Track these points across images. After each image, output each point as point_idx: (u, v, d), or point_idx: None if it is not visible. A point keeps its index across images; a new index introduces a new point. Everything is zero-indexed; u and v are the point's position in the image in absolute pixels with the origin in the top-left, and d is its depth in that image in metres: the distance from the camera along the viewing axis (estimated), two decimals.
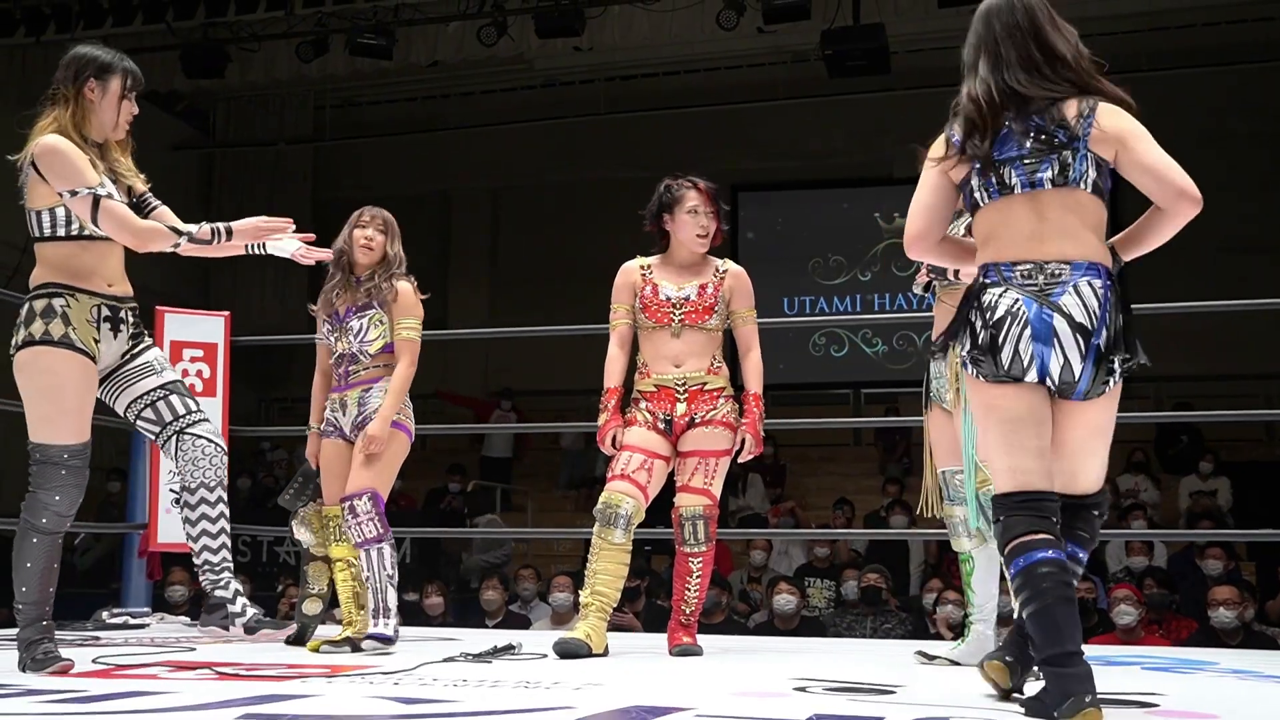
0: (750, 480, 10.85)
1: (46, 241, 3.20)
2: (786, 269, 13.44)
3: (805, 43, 11.18)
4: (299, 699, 2.66)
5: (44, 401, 3.14)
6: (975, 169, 2.60)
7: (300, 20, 10.97)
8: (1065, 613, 2.41)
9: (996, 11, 2.65)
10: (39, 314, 3.14)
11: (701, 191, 3.96)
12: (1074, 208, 2.53)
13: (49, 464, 3.14)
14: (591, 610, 3.80)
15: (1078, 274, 2.50)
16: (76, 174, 3.08)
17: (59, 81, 3.21)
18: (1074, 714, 2.33)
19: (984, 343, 2.51)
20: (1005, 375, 2.50)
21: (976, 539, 3.58)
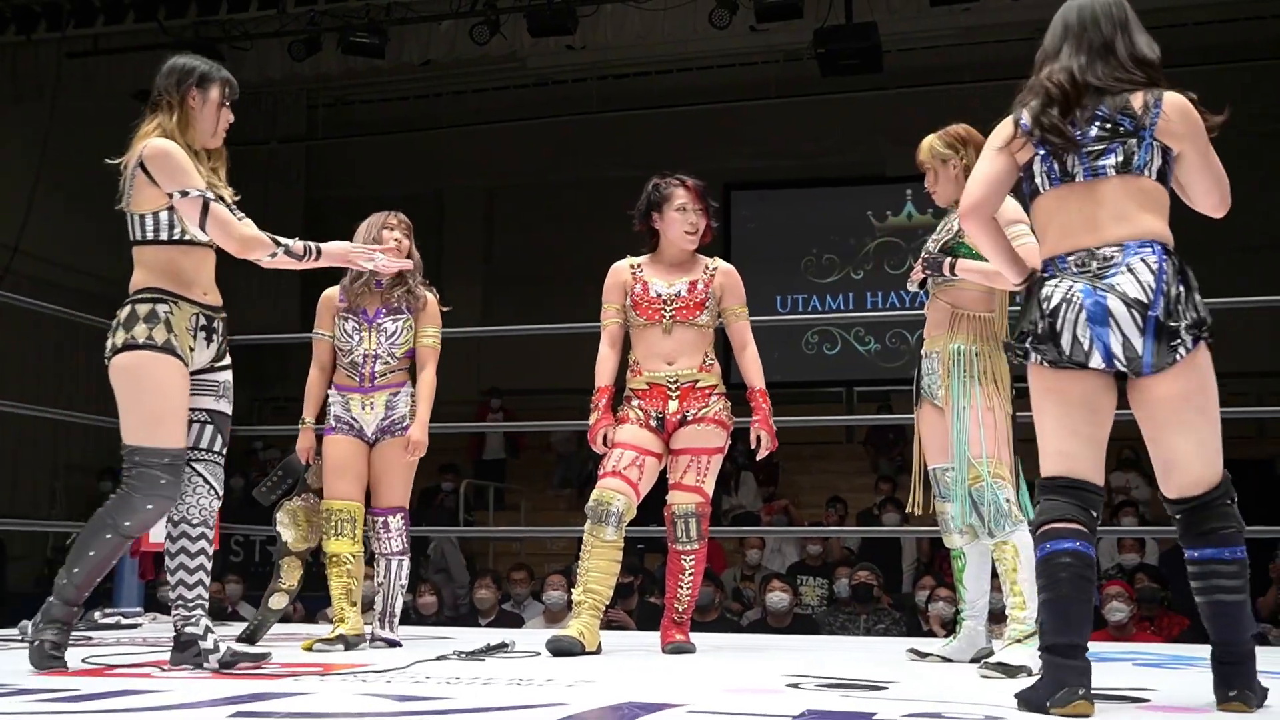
0: (743, 479, 10.86)
1: (148, 245, 3.24)
2: (779, 267, 13.43)
3: (797, 41, 11.17)
4: (292, 697, 2.66)
5: (146, 405, 3.16)
6: (1039, 154, 2.64)
7: (292, 19, 10.94)
8: (1077, 606, 2.45)
9: (1083, 5, 2.71)
10: (142, 318, 3.18)
11: (689, 189, 3.97)
12: (1134, 194, 2.57)
13: (149, 468, 3.15)
14: (584, 608, 3.81)
15: (1129, 253, 2.53)
16: (187, 176, 3.15)
17: (161, 90, 3.28)
18: (1065, 705, 2.37)
19: (1043, 331, 2.56)
20: (1068, 360, 2.54)
21: (967, 535, 3.57)
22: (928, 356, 3.60)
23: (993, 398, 3.42)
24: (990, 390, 3.43)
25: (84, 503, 11.44)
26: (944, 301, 3.54)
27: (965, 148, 3.56)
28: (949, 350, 3.49)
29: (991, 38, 12.34)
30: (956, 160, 3.57)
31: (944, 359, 3.50)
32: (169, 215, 3.21)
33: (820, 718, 2.41)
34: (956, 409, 3.43)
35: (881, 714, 2.45)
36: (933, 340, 3.58)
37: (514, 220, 14.70)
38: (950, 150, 3.59)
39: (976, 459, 3.38)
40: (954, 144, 3.59)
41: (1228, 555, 2.55)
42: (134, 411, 3.17)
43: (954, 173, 3.57)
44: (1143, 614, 6.37)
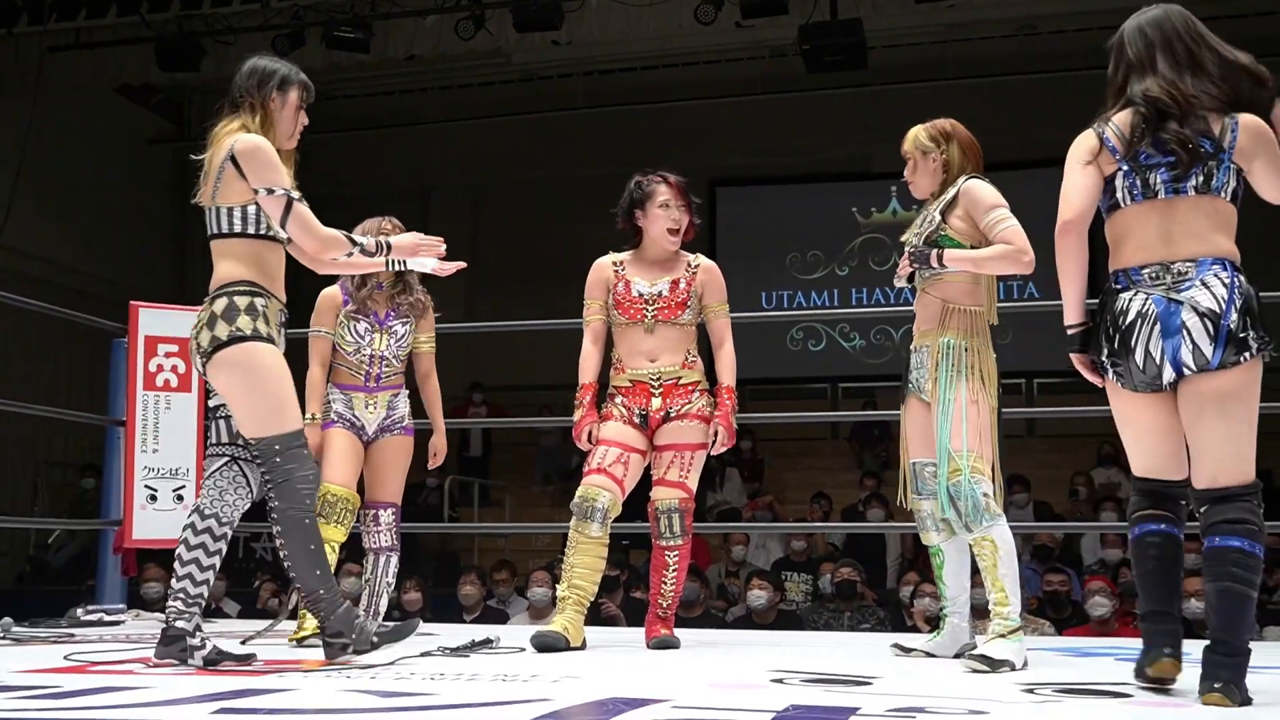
0: (728, 475, 10.88)
1: (235, 238, 3.24)
2: (764, 263, 13.44)
3: (783, 38, 11.19)
4: (275, 693, 2.66)
5: (272, 394, 3.18)
6: (1122, 170, 2.75)
7: (276, 13, 10.90)
8: (1163, 578, 2.72)
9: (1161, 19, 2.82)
10: (243, 310, 3.18)
11: (672, 186, 3.98)
12: (1210, 213, 2.70)
13: (292, 449, 3.19)
14: (569, 603, 3.81)
15: (1203, 269, 2.66)
16: (275, 173, 3.20)
17: (244, 90, 3.32)
18: (1152, 664, 2.67)
19: (1118, 346, 2.71)
20: (1145, 383, 2.70)
21: (944, 532, 3.56)
22: (917, 351, 3.59)
23: (978, 393, 3.42)
24: (976, 385, 3.43)
25: (66, 500, 11.39)
26: (934, 296, 3.54)
27: (948, 142, 3.58)
28: (939, 344, 3.48)
29: (976, 34, 12.37)
30: (937, 154, 3.59)
31: (934, 353, 3.49)
32: (256, 210, 3.24)
33: (804, 712, 2.41)
34: (941, 402, 3.43)
35: (865, 708, 2.45)
36: (923, 335, 3.57)
37: (499, 216, 14.67)
38: (933, 143, 3.60)
39: (957, 453, 3.37)
40: (937, 137, 3.60)
41: (1246, 547, 2.60)
42: (260, 402, 3.18)
43: (933, 166, 3.59)
44: (1126, 609, 6.40)
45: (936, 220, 3.51)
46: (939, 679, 3.08)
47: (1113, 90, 2.86)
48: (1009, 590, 3.31)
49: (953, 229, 3.49)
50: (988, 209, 3.45)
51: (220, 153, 3.24)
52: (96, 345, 8.75)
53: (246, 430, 3.22)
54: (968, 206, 3.49)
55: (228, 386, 3.20)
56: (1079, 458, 10.53)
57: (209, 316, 3.20)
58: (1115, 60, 2.87)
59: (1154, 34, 2.80)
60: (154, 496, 5.17)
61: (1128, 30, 2.86)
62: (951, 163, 3.57)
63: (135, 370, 5.20)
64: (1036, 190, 15.69)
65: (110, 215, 12.84)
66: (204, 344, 3.19)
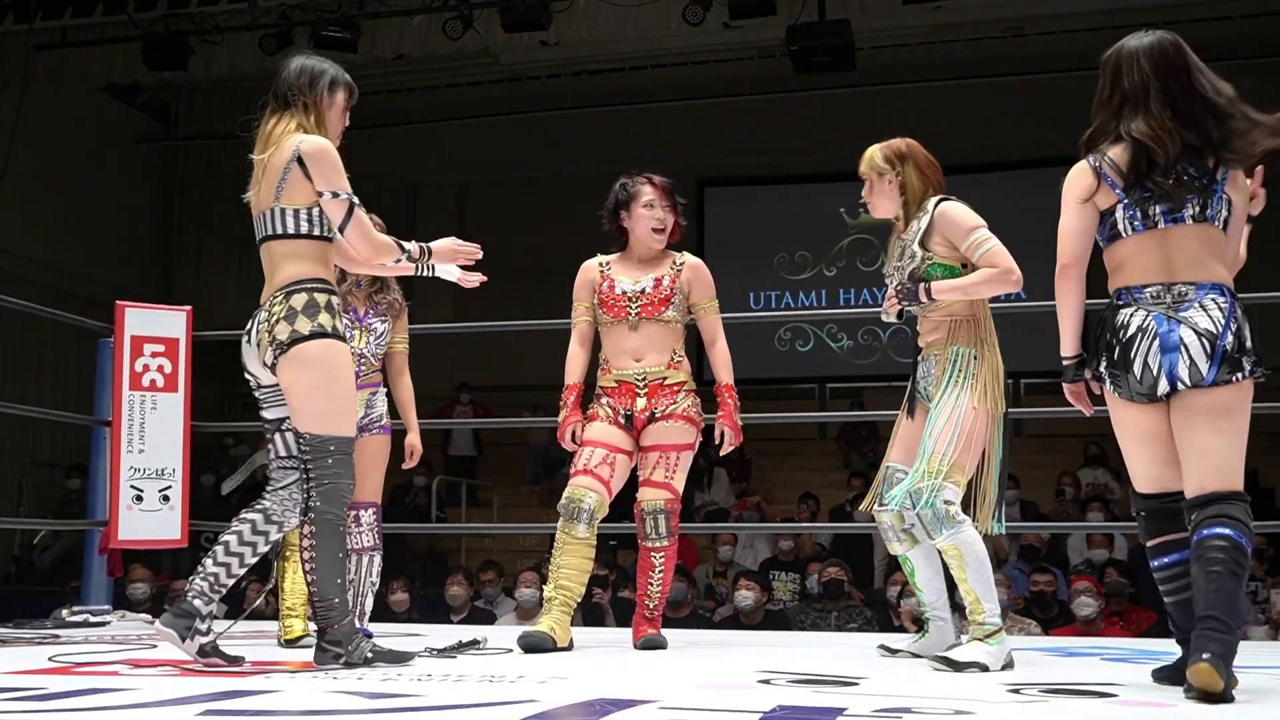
0: (715, 475, 10.88)
1: (302, 239, 3.21)
2: (752, 264, 13.45)
3: (771, 38, 11.19)
4: (261, 694, 2.65)
5: (340, 395, 3.19)
6: (1123, 202, 2.82)
7: (264, 12, 10.87)
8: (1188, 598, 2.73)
9: (1154, 48, 2.87)
10: (323, 307, 3.17)
11: (656, 186, 3.99)
12: (1206, 241, 2.80)
13: (345, 454, 3.20)
14: (555, 604, 3.81)
15: (1203, 293, 2.77)
16: (340, 177, 3.20)
17: (295, 89, 3.30)
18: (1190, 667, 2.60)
19: (1117, 358, 2.79)
20: (1141, 393, 2.78)
21: (907, 541, 3.53)
22: (925, 360, 3.56)
23: (980, 401, 3.40)
24: (980, 394, 3.40)
25: (53, 499, 11.34)
26: (936, 315, 3.52)
27: (904, 164, 3.57)
28: (948, 353, 3.46)
29: (964, 35, 12.39)
30: (893, 175, 3.57)
31: (942, 361, 3.47)
32: (320, 212, 3.23)
33: (791, 713, 2.42)
34: (935, 406, 3.42)
35: (852, 709, 2.46)
36: (930, 345, 3.54)
37: (487, 216, 14.64)
38: (888, 165, 3.59)
39: (928, 455, 3.35)
40: (893, 159, 3.59)
41: (1234, 536, 2.66)
42: (329, 401, 3.17)
43: (889, 187, 3.58)
44: (1111, 609, 6.43)
45: (919, 254, 3.48)
46: (925, 680, 3.09)
47: (1105, 110, 2.91)
48: (981, 596, 3.29)
49: (937, 256, 3.46)
50: (967, 232, 3.44)
51: (284, 154, 3.21)
52: (83, 345, 8.71)
53: (305, 425, 3.17)
54: (945, 231, 3.46)
55: (298, 380, 3.15)
56: (1066, 458, 10.57)
57: (287, 310, 3.15)
58: (1111, 82, 2.91)
59: (1149, 65, 2.85)
60: (140, 497, 5.15)
61: (1125, 54, 2.90)
62: (908, 185, 3.55)
63: (121, 370, 5.18)
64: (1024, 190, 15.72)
65: (97, 214, 12.79)
66: (282, 337, 3.14)
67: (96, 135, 12.92)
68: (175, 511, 5.22)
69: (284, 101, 3.30)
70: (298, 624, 4.02)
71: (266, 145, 3.27)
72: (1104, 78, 2.93)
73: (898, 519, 3.51)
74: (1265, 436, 11.48)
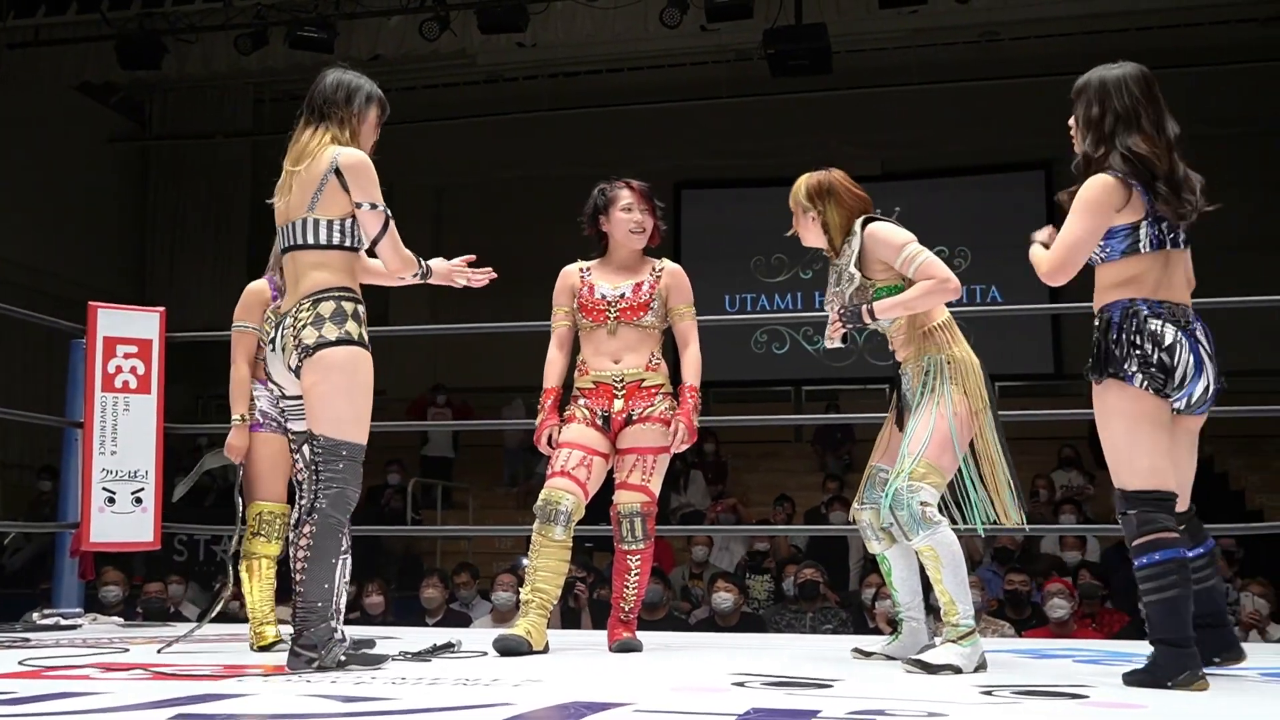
0: (692, 477, 10.89)
1: (329, 249, 3.24)
2: (729, 266, 13.48)
3: (748, 41, 11.23)
4: (234, 698, 2.64)
5: (360, 402, 3.21)
6: (1148, 219, 2.96)
7: (239, 12, 10.83)
8: (1184, 604, 2.86)
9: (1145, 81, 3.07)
10: (350, 316, 3.21)
11: (634, 190, 4.02)
12: (1187, 267, 3.05)
13: (356, 461, 3.22)
14: (532, 607, 3.80)
15: (1195, 319, 3.01)
16: (376, 190, 3.26)
17: (331, 103, 3.34)
18: (1188, 685, 2.80)
19: (1157, 362, 2.93)
20: (1175, 391, 2.94)
21: (885, 540, 3.61)
22: (904, 373, 3.60)
23: (959, 405, 3.42)
24: (958, 398, 3.43)
25: (23, 502, 11.25)
26: (901, 330, 3.56)
27: (825, 201, 3.63)
28: (921, 363, 3.49)
29: (940, 40, 12.47)
30: (815, 213, 3.65)
31: (918, 373, 3.50)
32: (352, 223, 3.27)
33: (765, 716, 2.42)
34: (915, 414, 3.44)
35: (825, 712, 2.46)
36: (905, 360, 3.59)
37: (463, 217, 14.64)
38: (810, 203, 3.65)
39: (909, 456, 3.38)
40: (814, 196, 3.65)
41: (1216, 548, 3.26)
42: (348, 407, 3.19)
43: (812, 223, 3.66)
44: (1084, 610, 6.46)
45: (856, 277, 3.53)
46: (899, 682, 3.10)
47: (1096, 131, 3.03)
48: (955, 597, 3.31)
49: (879, 280, 3.52)
50: (897, 249, 3.49)
51: (321, 165, 3.24)
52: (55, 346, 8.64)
53: (320, 428, 3.19)
54: (877, 252, 3.52)
55: (319, 383, 3.18)
56: (1040, 460, 10.64)
57: (314, 317, 3.19)
58: (1100, 103, 3.03)
59: (1138, 90, 3.03)
60: (112, 499, 5.12)
61: (1111, 79, 3.04)
62: (830, 223, 3.63)
63: (93, 371, 5.15)
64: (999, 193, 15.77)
65: (70, 214, 12.70)
66: (309, 342, 3.17)
67: (70, 134, 12.84)
68: (148, 514, 5.19)
69: (319, 114, 3.34)
70: (270, 629, 4.00)
71: (300, 157, 3.29)
72: (1090, 101, 3.05)
73: (876, 517, 3.58)
74: (1234, 439, 11.63)
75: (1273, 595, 6.51)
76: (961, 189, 13.29)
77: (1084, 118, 3.06)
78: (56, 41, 11.27)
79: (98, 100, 13.29)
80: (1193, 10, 11.61)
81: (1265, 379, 10.23)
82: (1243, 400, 5.70)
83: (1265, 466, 10.72)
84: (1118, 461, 2.98)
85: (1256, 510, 9.97)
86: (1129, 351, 2.93)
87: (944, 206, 12.69)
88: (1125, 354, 2.93)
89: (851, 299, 3.55)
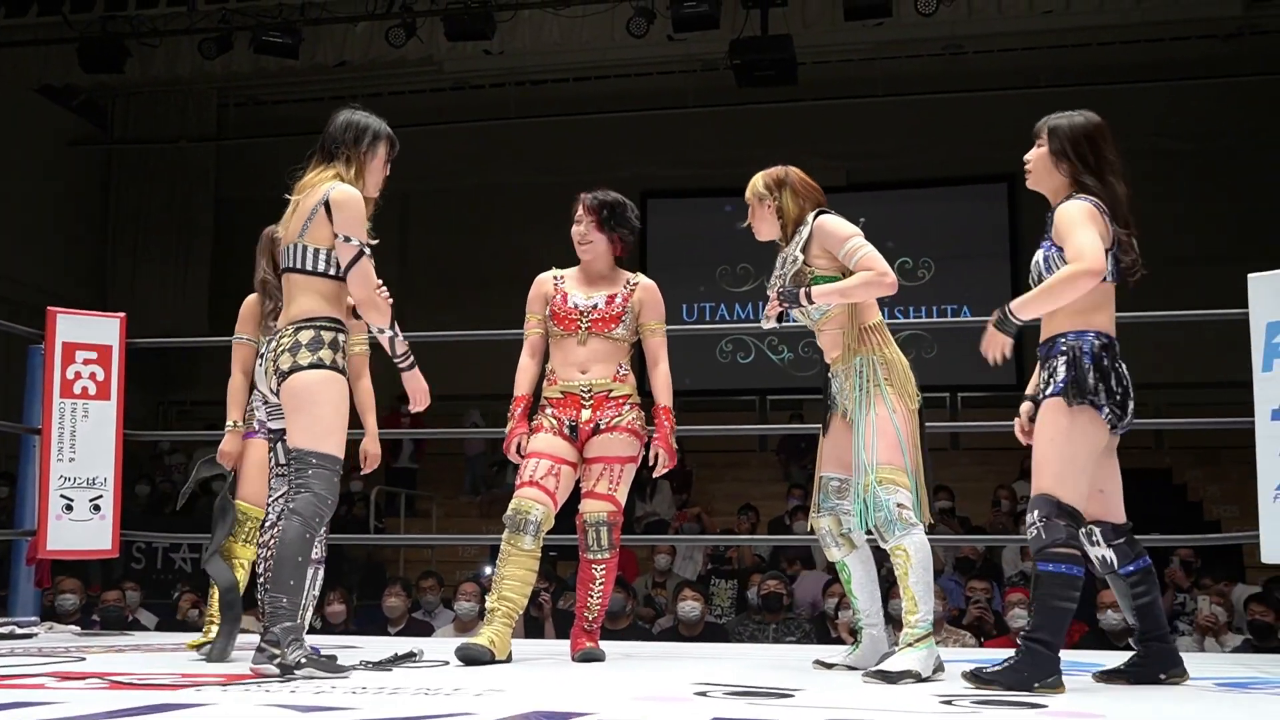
0: (659, 486, 10.90)
1: (318, 277, 3.45)
2: (694, 275, 13.51)
3: (714, 52, 11.27)
4: (192, 708, 2.61)
5: (332, 419, 3.40)
6: (1113, 251, 3.14)
7: (203, 16, 10.77)
8: (1068, 617, 3.07)
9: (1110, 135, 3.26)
10: (327, 344, 3.41)
11: (582, 203, 4.06)
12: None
13: (326, 469, 3.38)
14: (497, 615, 3.80)
15: None
16: (358, 225, 3.44)
17: (340, 142, 3.54)
18: (1055, 689, 2.98)
19: (1119, 397, 3.13)
20: (1122, 425, 3.15)
21: (845, 547, 3.66)
22: (835, 376, 3.67)
23: (896, 404, 3.50)
24: (894, 397, 3.51)
25: None
26: (830, 330, 3.63)
27: (780, 190, 3.75)
28: (854, 364, 3.56)
29: (904, 52, 12.56)
30: (771, 201, 3.75)
31: (850, 375, 3.56)
32: (333, 255, 3.45)
33: None
34: (859, 420, 3.50)
35: None
36: (835, 361, 3.66)
37: (429, 224, 14.59)
38: (767, 191, 3.77)
39: (869, 465, 3.44)
40: (771, 185, 3.78)
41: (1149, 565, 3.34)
42: (321, 421, 3.38)
43: (768, 212, 3.75)
44: None
45: (799, 259, 3.62)
46: (861, 691, 3.12)
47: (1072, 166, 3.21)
48: (918, 598, 3.38)
49: (818, 269, 3.60)
50: (842, 240, 3.57)
51: (315, 197, 3.45)
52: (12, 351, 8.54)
53: (292, 440, 3.40)
54: (823, 242, 3.61)
55: (288, 401, 3.40)
56: (1001, 471, 10.71)
57: (292, 344, 3.40)
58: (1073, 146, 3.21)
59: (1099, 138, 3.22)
60: (70, 506, 5.06)
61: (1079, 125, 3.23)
62: (785, 209, 3.72)
63: (52, 377, 5.09)
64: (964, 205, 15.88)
65: (30, 218, 12.57)
66: (284, 367, 3.39)
67: (30, 137, 12.71)
68: (106, 521, 5.13)
69: (329, 155, 3.54)
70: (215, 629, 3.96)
71: (303, 188, 3.51)
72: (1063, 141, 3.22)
73: (836, 524, 3.64)
74: (1192, 450, 11.77)
75: (1228, 604, 6.59)
76: (925, 200, 13.39)
77: (1069, 151, 3.22)
78: (17, 43, 11.16)
79: (59, 103, 13.16)
80: (1157, 26, 11.76)
81: (1223, 390, 10.36)
82: (1201, 412, 5.76)
83: (1223, 477, 10.85)
84: (1064, 474, 3.10)
85: (1214, 521, 10.09)
86: (1099, 383, 3.10)
87: (908, 218, 12.78)
88: (1097, 385, 3.10)
89: (791, 282, 3.61)
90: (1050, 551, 3.06)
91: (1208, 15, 11.45)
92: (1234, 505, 10.18)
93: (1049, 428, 3.14)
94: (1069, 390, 3.10)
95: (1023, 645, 3.05)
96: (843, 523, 3.62)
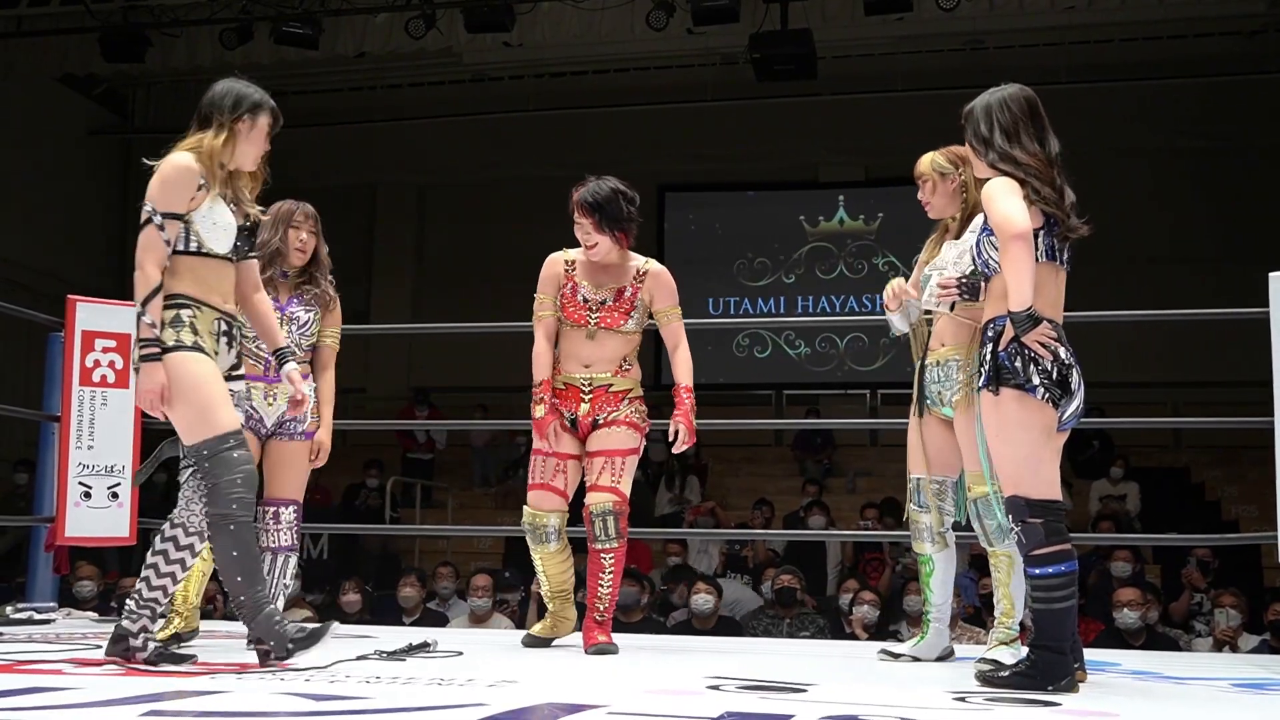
0: (689, 482, 10.93)
1: (174, 254, 3.29)
2: (711, 270, 13.49)
3: (733, 45, 11.24)
4: (207, 695, 2.63)
5: (192, 401, 3.22)
6: (1044, 230, 3.03)
7: (224, 6, 10.78)
8: (1073, 613, 3.02)
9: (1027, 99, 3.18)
10: (167, 323, 3.23)
11: (575, 203, 3.97)
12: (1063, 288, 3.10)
13: (218, 455, 3.21)
14: (557, 602, 4.10)
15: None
16: (160, 195, 3.27)
17: (214, 109, 3.40)
18: (1069, 690, 2.94)
19: (1058, 378, 3.00)
20: (1067, 404, 3.02)
21: (939, 544, 3.73)
22: (942, 365, 3.59)
23: None
24: None
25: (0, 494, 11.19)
26: (964, 318, 3.54)
27: (965, 165, 3.58)
28: (974, 359, 3.45)
29: (925, 47, 12.50)
30: (956, 176, 3.67)
31: (964, 367, 3.50)
32: (185, 228, 3.30)
33: (739, 719, 2.43)
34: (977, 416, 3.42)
35: (799, 715, 2.47)
36: (950, 349, 3.58)
37: (446, 217, 14.61)
38: (951, 166, 3.69)
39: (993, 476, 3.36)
40: (955, 161, 3.68)
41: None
42: (183, 412, 3.23)
43: (952, 187, 3.68)
44: None
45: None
46: (874, 686, 3.11)
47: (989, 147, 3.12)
48: (1015, 602, 3.50)
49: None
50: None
51: None
52: (33, 339, 8.58)
53: (183, 440, 3.27)
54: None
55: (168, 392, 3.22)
56: None
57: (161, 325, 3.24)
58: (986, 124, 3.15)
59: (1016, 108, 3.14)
60: (88, 494, 5.09)
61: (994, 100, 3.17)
62: (969, 184, 3.62)
63: (71, 365, 5.11)
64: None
65: (50, 207, 12.62)
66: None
67: (51, 126, 12.76)
68: (124, 509, 5.16)
69: (204, 120, 3.41)
70: (176, 621, 3.96)
71: None
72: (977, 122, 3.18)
73: (938, 521, 3.70)
74: (1211, 450, 11.70)
75: (1245, 606, 6.55)
76: None
77: (974, 136, 3.16)
78: (38, 33, 11.19)
79: (79, 92, 13.21)
80: (1179, 23, 11.68)
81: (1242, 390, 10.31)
82: (1220, 411, 5.74)
83: (1241, 477, 10.78)
84: (1020, 471, 3.03)
85: (1233, 521, 10.03)
86: (1027, 364, 2.98)
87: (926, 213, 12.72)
88: (1025, 365, 2.98)
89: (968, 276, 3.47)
90: (1034, 556, 3.02)
91: (1231, 12, 11.35)
92: (1253, 505, 10.11)
93: (990, 426, 3.07)
94: (985, 380, 3.04)
95: (1030, 654, 3.03)
96: (943, 521, 3.69)
